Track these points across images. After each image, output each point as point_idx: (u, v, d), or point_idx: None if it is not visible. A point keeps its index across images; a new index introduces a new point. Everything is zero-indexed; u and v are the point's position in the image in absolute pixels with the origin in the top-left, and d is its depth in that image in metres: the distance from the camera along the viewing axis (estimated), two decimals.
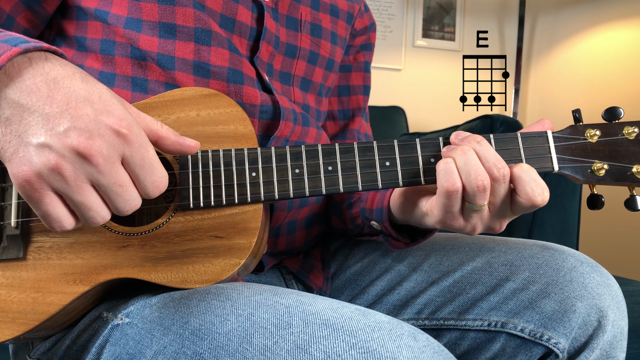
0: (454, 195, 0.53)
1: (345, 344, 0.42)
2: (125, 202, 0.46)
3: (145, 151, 0.46)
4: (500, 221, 0.57)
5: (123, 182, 0.45)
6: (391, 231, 0.67)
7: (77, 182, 0.43)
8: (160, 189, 0.48)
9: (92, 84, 0.45)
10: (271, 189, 0.56)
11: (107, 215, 0.46)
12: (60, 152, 0.42)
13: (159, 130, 0.50)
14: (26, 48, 0.44)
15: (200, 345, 0.46)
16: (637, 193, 0.57)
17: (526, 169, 0.54)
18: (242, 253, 0.54)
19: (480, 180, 0.52)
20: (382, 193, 0.67)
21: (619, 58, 2.13)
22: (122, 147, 0.44)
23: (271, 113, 0.68)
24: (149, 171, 0.46)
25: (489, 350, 0.68)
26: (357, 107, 0.91)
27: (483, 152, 0.54)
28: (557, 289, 0.65)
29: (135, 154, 0.45)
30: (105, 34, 0.64)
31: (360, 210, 0.72)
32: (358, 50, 0.92)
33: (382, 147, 0.57)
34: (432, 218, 0.58)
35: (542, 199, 0.53)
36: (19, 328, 0.52)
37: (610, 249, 2.09)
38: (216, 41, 0.64)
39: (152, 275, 0.54)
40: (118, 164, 0.44)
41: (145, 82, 0.63)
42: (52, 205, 0.44)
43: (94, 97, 0.44)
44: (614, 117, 0.57)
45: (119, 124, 0.44)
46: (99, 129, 0.43)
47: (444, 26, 2.51)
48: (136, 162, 0.45)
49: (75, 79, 0.45)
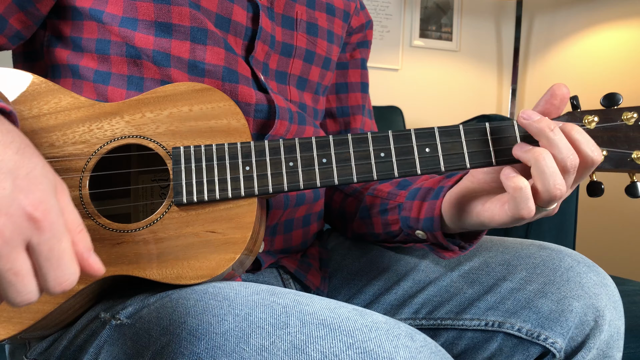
0: (527, 218, 0.52)
1: (342, 344, 0.42)
2: (18, 293, 0.39)
3: (56, 242, 0.39)
4: (558, 203, 0.55)
5: (19, 270, 0.38)
6: (442, 240, 0.65)
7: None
8: (64, 287, 0.41)
9: (27, 158, 0.40)
10: (265, 182, 0.56)
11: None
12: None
13: (77, 232, 0.42)
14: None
15: (198, 345, 0.46)
16: (637, 179, 0.56)
17: (579, 131, 0.52)
18: (237, 248, 0.54)
19: (558, 188, 0.51)
20: (429, 203, 0.65)
21: (615, 58, 2.13)
22: (29, 233, 0.38)
23: (266, 112, 0.68)
24: (55, 265, 0.40)
25: (486, 350, 0.68)
26: (356, 104, 0.91)
27: (558, 144, 0.51)
28: (554, 289, 0.65)
29: (44, 244, 0.39)
30: (101, 33, 0.64)
31: (401, 218, 0.70)
32: (354, 48, 0.92)
33: (377, 138, 0.56)
34: (489, 224, 0.56)
35: (600, 156, 0.52)
36: (14, 327, 0.52)
37: (607, 248, 2.10)
38: (212, 40, 0.64)
39: (147, 271, 0.54)
40: (19, 249, 0.38)
41: (141, 80, 0.63)
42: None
43: (21, 172, 0.39)
44: (612, 103, 0.56)
45: (35, 207, 0.38)
46: (10, 207, 0.37)
47: (442, 26, 2.51)
48: (42, 253, 0.39)
49: (10, 149, 0.39)
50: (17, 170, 0.38)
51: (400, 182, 0.76)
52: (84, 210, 0.55)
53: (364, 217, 0.78)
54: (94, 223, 0.55)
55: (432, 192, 0.66)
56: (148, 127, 0.57)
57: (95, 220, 0.55)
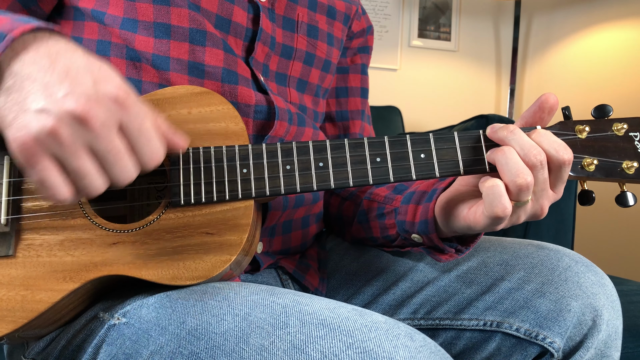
0: (503, 218, 0.52)
1: (342, 344, 0.42)
2: (121, 170, 0.45)
3: (142, 120, 0.46)
4: (542, 205, 0.55)
5: (120, 149, 0.45)
6: (437, 242, 0.65)
7: (74, 147, 0.43)
8: (156, 160, 0.48)
9: (93, 57, 0.46)
10: (262, 185, 0.56)
11: (101, 185, 0.45)
12: (57, 116, 0.42)
13: (156, 116, 0.50)
14: (38, 26, 0.46)
15: (197, 345, 0.46)
16: (627, 189, 0.57)
17: (543, 133, 0.53)
18: (233, 249, 0.54)
19: (523, 177, 0.51)
20: (424, 205, 0.65)
21: (613, 58, 2.14)
22: (119, 114, 0.44)
23: (266, 113, 0.68)
24: (146, 141, 0.46)
25: (485, 349, 0.68)
26: (356, 109, 0.91)
27: (519, 142, 0.53)
28: (552, 289, 0.65)
29: (133, 122, 0.45)
30: (102, 34, 0.64)
31: (397, 222, 0.70)
32: (355, 53, 0.92)
33: (373, 143, 0.57)
34: (475, 227, 0.56)
35: (569, 155, 0.53)
36: (8, 326, 0.52)
37: (605, 248, 2.10)
38: (211, 41, 0.64)
39: (142, 272, 0.54)
40: (115, 131, 0.44)
41: (139, 83, 0.63)
42: (47, 171, 0.43)
43: (94, 67, 0.45)
44: (603, 115, 0.58)
45: (117, 91, 0.44)
46: (97, 95, 0.43)
47: (440, 26, 2.51)
48: (133, 131, 0.45)
49: (77, 53, 0.46)
50: (90, 66, 0.45)
51: (397, 186, 0.76)
52: (81, 211, 0.55)
53: (362, 221, 0.78)
54: (91, 223, 0.55)
55: (426, 195, 0.66)
56: None
57: (92, 220, 0.55)
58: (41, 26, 0.46)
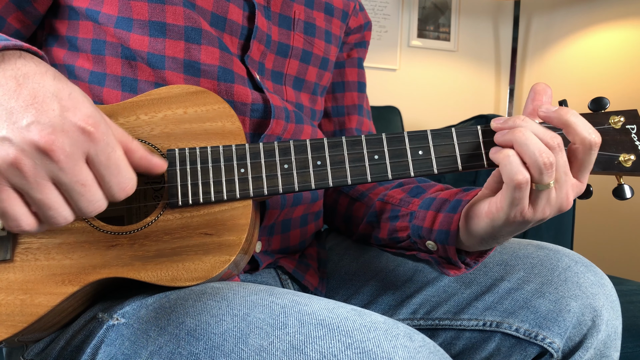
0: (524, 186, 0.51)
1: (341, 344, 0.42)
2: (89, 202, 0.44)
3: (111, 151, 0.44)
4: (567, 194, 0.54)
5: (86, 181, 0.43)
6: (452, 255, 0.64)
7: (37, 179, 0.41)
8: (127, 191, 0.46)
9: (63, 82, 0.44)
10: (260, 184, 0.56)
11: (69, 215, 0.44)
12: (20, 146, 0.40)
13: (129, 142, 0.48)
14: (5, 46, 0.43)
15: (196, 345, 0.46)
16: (624, 182, 0.57)
17: (573, 112, 0.52)
18: (232, 250, 0.54)
19: (546, 156, 0.50)
20: (445, 215, 0.64)
21: (613, 58, 2.14)
22: (86, 145, 0.42)
23: (262, 111, 0.67)
24: (115, 172, 0.45)
25: (484, 349, 0.68)
26: (352, 104, 0.90)
27: (532, 127, 0.52)
28: (552, 289, 0.65)
29: (101, 153, 0.43)
30: (96, 33, 0.63)
31: (412, 226, 0.68)
32: (352, 47, 0.92)
33: (370, 141, 0.57)
34: (498, 220, 0.54)
35: (596, 135, 0.52)
36: (7, 330, 0.51)
37: (605, 248, 2.10)
38: (206, 40, 0.64)
39: (141, 274, 0.53)
40: (81, 163, 0.43)
41: (135, 82, 0.63)
42: (9, 202, 0.42)
43: (63, 94, 0.43)
44: (600, 107, 0.58)
45: (85, 120, 0.42)
46: (64, 125, 0.41)
47: (439, 26, 2.51)
48: (101, 162, 0.44)
49: (47, 76, 0.43)
50: (59, 93, 0.42)
51: (413, 188, 0.75)
52: None
53: (372, 221, 0.78)
54: (88, 225, 0.54)
55: (448, 204, 0.64)
56: (142, 130, 0.57)
57: (89, 222, 0.55)
58: (8, 46, 0.43)
